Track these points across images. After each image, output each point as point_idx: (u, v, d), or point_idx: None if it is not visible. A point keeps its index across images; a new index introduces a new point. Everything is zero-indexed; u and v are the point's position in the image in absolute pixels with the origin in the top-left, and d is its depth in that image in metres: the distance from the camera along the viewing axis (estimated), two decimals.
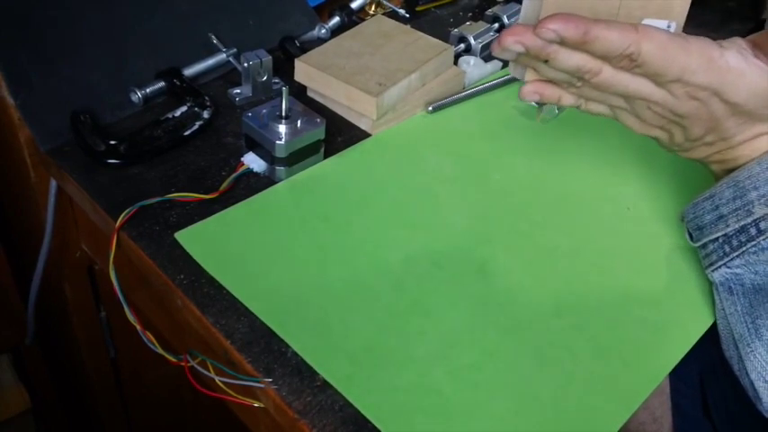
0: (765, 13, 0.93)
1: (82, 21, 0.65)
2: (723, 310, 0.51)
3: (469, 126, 0.70)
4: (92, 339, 0.84)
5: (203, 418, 1.06)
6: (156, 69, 0.68)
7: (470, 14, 0.89)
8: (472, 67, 0.75)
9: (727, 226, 0.50)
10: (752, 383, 0.48)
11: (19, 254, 0.84)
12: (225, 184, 0.58)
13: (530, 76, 0.49)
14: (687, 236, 0.55)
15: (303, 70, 0.68)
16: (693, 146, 0.51)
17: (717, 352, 0.58)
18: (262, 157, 0.61)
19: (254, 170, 0.61)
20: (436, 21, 0.87)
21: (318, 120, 0.60)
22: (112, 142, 0.60)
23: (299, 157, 0.60)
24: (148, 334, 0.53)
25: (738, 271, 0.50)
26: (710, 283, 0.54)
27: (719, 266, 0.51)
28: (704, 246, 0.53)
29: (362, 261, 0.54)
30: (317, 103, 0.70)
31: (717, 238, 0.51)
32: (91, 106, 0.63)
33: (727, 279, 0.51)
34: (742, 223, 0.49)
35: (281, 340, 0.47)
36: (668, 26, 0.51)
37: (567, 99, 0.50)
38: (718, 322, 0.52)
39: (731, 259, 0.50)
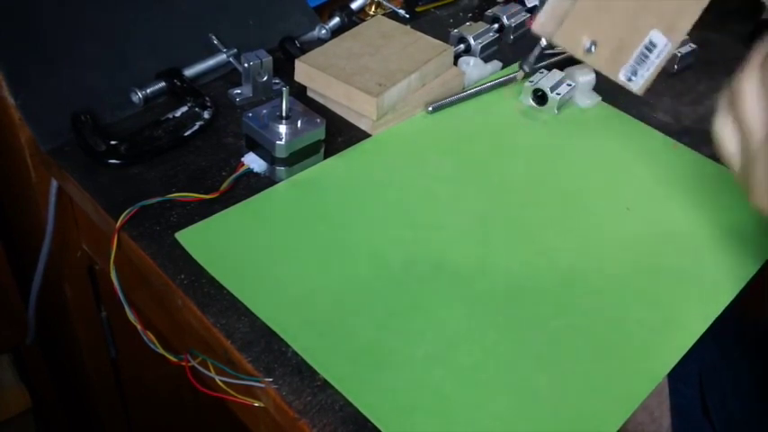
0: (765, 13, 0.93)
1: (82, 21, 0.65)
2: None
3: (469, 126, 0.70)
4: (92, 339, 0.84)
5: (203, 418, 1.06)
6: (157, 69, 0.68)
7: (470, 15, 0.89)
8: (472, 67, 0.75)
9: None
10: None
11: (19, 254, 0.84)
12: (225, 185, 0.59)
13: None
14: None
15: (303, 70, 0.68)
16: None
17: (716, 352, 0.58)
18: (262, 157, 0.61)
19: (255, 170, 0.61)
20: (436, 21, 0.87)
21: (318, 120, 0.60)
22: (113, 142, 0.60)
23: (299, 158, 0.60)
24: (149, 334, 0.53)
25: None
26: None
27: None
28: None
29: (362, 261, 0.54)
30: (317, 103, 0.70)
31: None
32: (91, 106, 0.63)
33: None
34: None
35: (281, 340, 0.47)
36: (665, 44, 0.51)
37: None
38: None
39: None
